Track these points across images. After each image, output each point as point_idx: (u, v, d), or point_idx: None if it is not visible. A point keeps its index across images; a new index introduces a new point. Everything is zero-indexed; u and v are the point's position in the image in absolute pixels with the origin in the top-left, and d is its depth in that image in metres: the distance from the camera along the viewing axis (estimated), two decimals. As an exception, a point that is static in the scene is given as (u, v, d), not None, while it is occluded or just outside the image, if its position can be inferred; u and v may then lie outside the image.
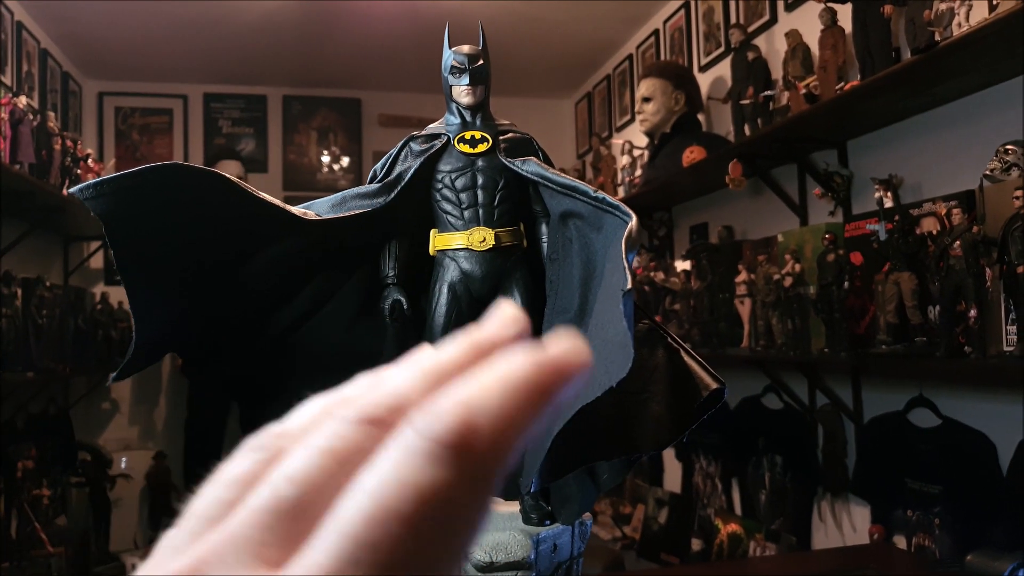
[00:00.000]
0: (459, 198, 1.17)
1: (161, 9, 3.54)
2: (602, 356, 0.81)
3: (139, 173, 0.92)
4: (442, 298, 1.17)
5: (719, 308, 2.78)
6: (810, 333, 2.26)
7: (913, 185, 2.11)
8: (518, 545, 1.01)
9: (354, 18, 3.62)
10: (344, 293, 1.20)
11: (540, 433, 0.21)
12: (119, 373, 0.98)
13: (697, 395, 0.98)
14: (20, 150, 2.74)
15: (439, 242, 1.19)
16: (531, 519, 1.13)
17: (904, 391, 2.14)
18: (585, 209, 1.05)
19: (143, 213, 0.94)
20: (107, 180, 0.91)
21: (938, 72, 1.82)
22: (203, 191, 0.98)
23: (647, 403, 0.99)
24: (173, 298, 1.02)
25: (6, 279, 2.77)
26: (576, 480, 1.08)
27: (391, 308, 1.16)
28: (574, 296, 1.05)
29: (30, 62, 3.54)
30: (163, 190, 0.95)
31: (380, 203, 1.14)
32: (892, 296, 1.89)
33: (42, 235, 3.47)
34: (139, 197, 0.93)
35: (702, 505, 3.15)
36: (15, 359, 2.76)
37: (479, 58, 1.18)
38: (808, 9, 2.56)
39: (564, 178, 1.10)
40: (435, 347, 0.27)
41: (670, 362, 1.01)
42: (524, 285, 1.19)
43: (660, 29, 3.77)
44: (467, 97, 1.19)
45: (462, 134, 1.18)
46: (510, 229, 1.19)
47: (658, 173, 3.18)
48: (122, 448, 4.34)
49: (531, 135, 1.23)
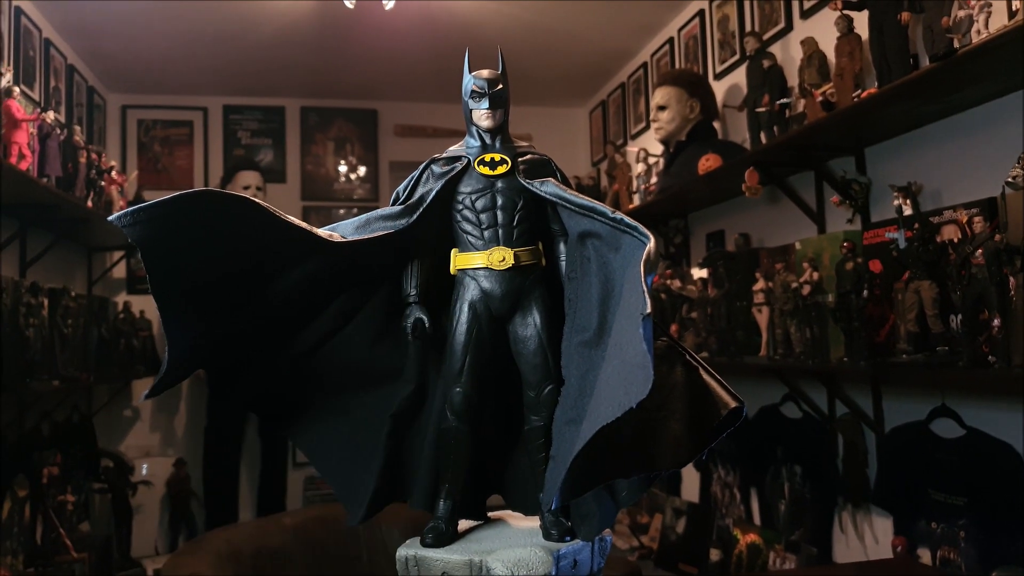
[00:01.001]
0: (479, 219, 1.19)
1: (182, 25, 3.60)
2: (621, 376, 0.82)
3: (172, 201, 0.94)
4: (462, 316, 1.19)
5: (736, 316, 2.77)
6: (829, 342, 2.25)
7: (933, 192, 2.10)
8: (539, 561, 1.02)
9: (370, 30, 3.66)
10: (366, 312, 1.23)
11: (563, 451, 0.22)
12: (151, 391, 1.00)
13: (716, 414, 0.99)
14: (48, 164, 2.79)
15: (459, 261, 1.21)
16: (551, 535, 1.14)
17: (926, 401, 2.11)
18: (603, 229, 1.06)
19: (176, 238, 0.97)
20: (143, 208, 0.93)
21: (957, 79, 1.81)
22: (232, 216, 1.01)
23: (666, 421, 1.00)
24: (203, 318, 1.05)
25: (33, 290, 2.82)
26: (595, 497, 1.09)
27: (413, 326, 1.18)
28: (592, 315, 1.07)
29: (57, 78, 3.61)
30: (194, 215, 0.98)
31: (403, 224, 1.16)
32: (912, 305, 1.88)
33: (67, 246, 3.53)
34: (172, 223, 0.96)
35: (720, 515, 3.13)
36: (41, 368, 2.81)
37: (498, 83, 1.21)
38: (824, 16, 2.55)
39: (582, 199, 1.11)
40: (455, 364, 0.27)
41: (689, 380, 1.02)
42: (543, 303, 1.20)
43: (675, 37, 3.77)
44: (487, 121, 1.21)
45: (482, 156, 1.21)
46: (529, 248, 1.21)
47: (673, 181, 3.18)
48: (143, 455, 4.39)
49: (549, 156, 1.25)
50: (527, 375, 1.19)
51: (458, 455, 1.19)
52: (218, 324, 1.06)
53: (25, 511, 2.79)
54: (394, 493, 1.25)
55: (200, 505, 4.37)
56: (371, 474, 1.22)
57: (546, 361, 1.18)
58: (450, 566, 1.09)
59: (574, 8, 3.58)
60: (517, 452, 1.27)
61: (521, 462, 1.25)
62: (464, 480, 1.20)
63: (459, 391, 1.18)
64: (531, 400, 1.19)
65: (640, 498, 1.34)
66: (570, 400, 1.07)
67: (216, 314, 1.06)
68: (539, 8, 3.55)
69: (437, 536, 1.16)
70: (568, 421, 1.03)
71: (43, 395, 3.08)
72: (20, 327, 2.65)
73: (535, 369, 1.18)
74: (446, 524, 1.18)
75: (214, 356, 1.12)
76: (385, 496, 1.24)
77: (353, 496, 1.24)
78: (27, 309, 2.72)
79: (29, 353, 2.71)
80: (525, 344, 1.19)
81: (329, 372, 1.22)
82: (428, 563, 1.11)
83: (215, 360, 1.13)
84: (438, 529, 1.17)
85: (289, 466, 4.56)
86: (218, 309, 1.05)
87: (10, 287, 2.65)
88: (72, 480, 3.26)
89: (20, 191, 2.69)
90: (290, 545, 1.68)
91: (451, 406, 1.18)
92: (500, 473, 1.29)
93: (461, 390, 1.17)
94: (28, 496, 2.80)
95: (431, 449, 1.21)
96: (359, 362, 1.23)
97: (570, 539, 1.13)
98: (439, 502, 1.20)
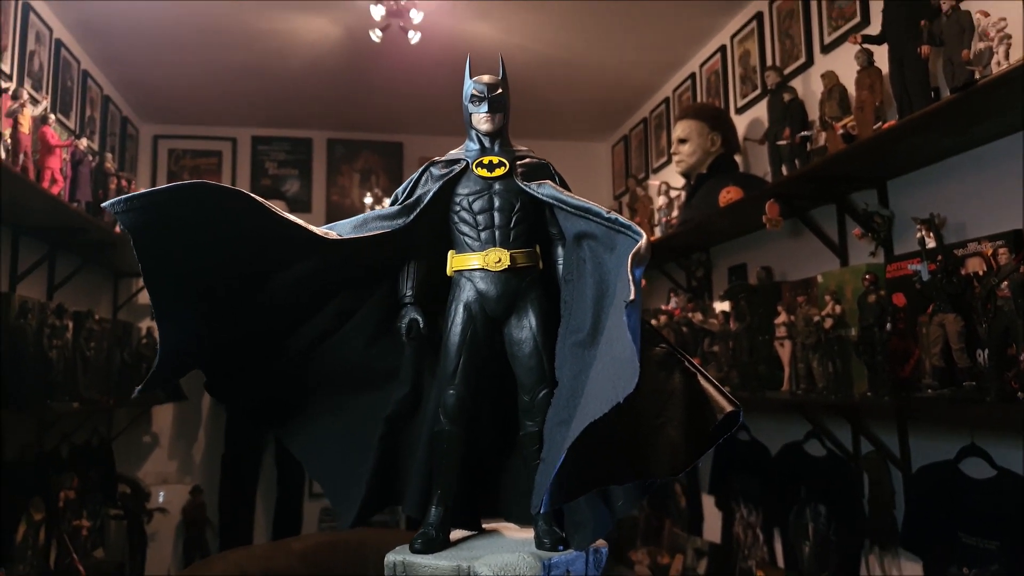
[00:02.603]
0: (476, 220, 1.19)
1: (215, 58, 3.70)
2: (610, 373, 0.81)
3: (167, 190, 0.95)
4: (457, 317, 1.18)
5: (758, 350, 2.73)
6: (852, 376, 2.20)
7: (956, 225, 2.07)
8: (527, 566, 1.00)
9: (396, 64, 3.73)
10: (363, 314, 1.23)
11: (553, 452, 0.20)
12: (144, 385, 1.00)
13: (712, 419, 0.97)
14: (79, 189, 2.86)
15: (456, 263, 1.21)
16: (544, 544, 1.12)
17: (954, 438, 2.05)
18: (599, 230, 1.06)
19: (170, 227, 0.97)
20: (137, 195, 0.94)
21: (978, 110, 1.79)
22: (228, 209, 1.01)
23: (663, 428, 0.98)
24: (197, 312, 1.05)
25: (59, 312, 2.86)
26: (590, 505, 1.07)
27: (408, 327, 1.18)
28: (587, 316, 1.06)
29: (93, 107, 3.71)
30: (190, 206, 0.98)
31: (400, 224, 1.17)
32: (937, 338, 1.84)
33: (94, 270, 3.59)
34: (167, 212, 0.97)
35: (743, 556, 3.04)
36: (63, 389, 2.84)
37: (498, 87, 1.22)
38: (844, 51, 2.56)
39: (578, 200, 1.12)
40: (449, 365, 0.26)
41: (687, 387, 1.01)
42: (539, 306, 1.20)
43: (696, 73, 3.80)
44: (486, 124, 1.22)
45: (480, 159, 1.21)
46: (526, 251, 1.20)
47: (695, 213, 3.17)
48: (160, 482, 4.40)
49: (548, 161, 1.25)
50: (522, 378, 1.18)
51: (450, 459, 1.17)
52: (212, 320, 1.07)
53: (40, 535, 2.79)
54: (388, 498, 1.24)
55: (215, 534, 4.35)
56: (364, 477, 1.20)
57: (541, 364, 1.16)
58: (438, 572, 1.06)
59: (597, 44, 3.63)
60: (512, 461, 1.25)
61: (516, 471, 1.23)
62: (456, 486, 1.18)
63: (452, 393, 1.16)
64: (526, 405, 1.17)
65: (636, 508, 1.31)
66: (562, 401, 1.05)
67: (210, 309, 1.06)
68: (563, 44, 3.60)
69: (427, 542, 1.13)
70: (560, 422, 1.02)
71: (63, 416, 3.11)
72: (44, 347, 2.69)
73: (530, 372, 1.17)
74: (436, 531, 1.16)
75: (209, 354, 1.12)
76: (378, 500, 1.22)
77: (345, 498, 1.22)
78: (51, 330, 2.76)
79: (51, 374, 2.74)
80: (520, 347, 1.18)
81: (324, 373, 1.22)
82: (416, 568, 1.09)
83: (210, 359, 1.13)
84: (428, 535, 1.14)
85: (305, 497, 4.54)
86: (212, 304, 1.06)
87: (36, 308, 2.69)
88: (88, 505, 3.27)
89: (51, 214, 2.76)
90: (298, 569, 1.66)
91: (444, 408, 1.17)
92: (495, 483, 1.26)
93: (454, 392, 1.16)
94: (44, 520, 2.81)
95: (424, 453, 1.20)
96: (354, 364, 1.23)
97: (563, 548, 1.11)
98: (430, 508, 1.18)
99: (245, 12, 3.27)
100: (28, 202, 2.59)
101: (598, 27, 3.48)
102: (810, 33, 2.85)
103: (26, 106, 2.40)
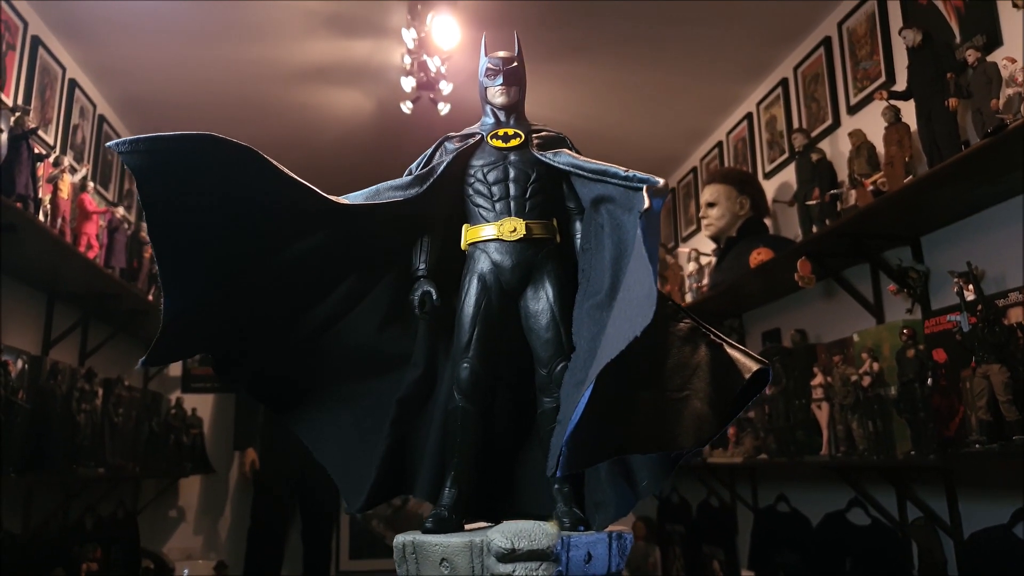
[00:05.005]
0: (491, 191, 1.18)
1: (252, 133, 3.83)
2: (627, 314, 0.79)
3: (175, 136, 0.95)
4: (472, 288, 1.16)
5: (795, 414, 2.63)
6: (894, 436, 2.09)
7: (996, 277, 2.00)
8: (542, 533, 0.93)
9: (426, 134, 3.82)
10: (375, 296, 1.21)
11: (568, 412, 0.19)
12: (148, 356, 0.98)
13: (740, 380, 0.94)
14: (114, 256, 2.93)
15: (470, 235, 1.19)
16: (563, 524, 1.05)
17: (1007, 500, 1.92)
18: (616, 192, 1.04)
19: (177, 178, 0.95)
20: (143, 138, 0.94)
21: (1010, 155, 1.76)
22: (238, 168, 0.98)
23: (689, 400, 0.95)
24: (204, 280, 1.01)
25: (89, 376, 2.89)
26: (611, 484, 1.02)
27: (420, 300, 1.14)
28: (604, 278, 1.03)
29: (131, 180, 3.85)
30: (198, 159, 0.95)
31: (413, 194, 1.16)
32: (982, 391, 1.75)
33: (125, 339, 3.64)
34: (173, 160, 0.94)
35: (787, 638, 2.84)
36: (89, 455, 2.83)
37: (513, 61, 1.24)
38: (870, 111, 2.56)
39: (595, 163, 1.11)
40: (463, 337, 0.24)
41: (713, 358, 0.98)
42: (556, 277, 1.16)
43: (723, 141, 3.83)
44: (501, 97, 1.23)
45: (495, 131, 1.20)
46: (542, 222, 1.18)
47: (725, 276, 3.13)
48: (184, 557, 4.31)
49: (565, 134, 1.25)
50: (539, 352, 1.13)
51: (465, 438, 1.11)
52: (219, 291, 1.04)
53: (59, 607, 2.73)
54: (398, 485, 1.18)
55: (237, 612, 4.22)
56: (374, 462, 1.15)
57: (559, 336, 1.12)
58: (449, 550, 1.00)
59: (625, 116, 3.69)
60: (530, 449, 1.18)
61: (535, 460, 1.17)
62: (471, 468, 1.12)
63: (466, 366, 1.12)
64: (543, 379, 1.13)
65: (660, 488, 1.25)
66: (579, 363, 1.01)
67: (217, 280, 1.04)
68: (591, 116, 3.68)
69: (439, 522, 1.07)
70: (576, 384, 0.97)
71: (89, 485, 3.09)
72: (72, 411, 2.70)
73: (547, 345, 1.12)
74: (449, 511, 1.09)
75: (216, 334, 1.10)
76: (388, 487, 1.17)
77: (354, 484, 1.17)
78: (80, 394, 2.77)
79: (78, 438, 2.74)
80: (537, 319, 1.14)
81: (334, 356, 1.19)
82: (427, 548, 1.02)
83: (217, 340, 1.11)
84: (440, 516, 1.08)
85: (332, 574, 4.41)
86: (219, 275, 1.04)
87: (66, 371, 2.72)
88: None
89: (86, 280, 2.82)
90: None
91: (458, 384, 1.12)
92: (511, 472, 1.20)
93: (468, 365, 1.12)
94: (63, 593, 2.76)
95: (438, 434, 1.15)
96: (366, 347, 1.20)
97: (583, 529, 1.04)
98: (443, 489, 1.11)
99: (280, 86, 3.41)
100: (64, 266, 2.66)
101: (625, 99, 3.56)
102: (836, 95, 2.86)
103: (66, 173, 2.49)
